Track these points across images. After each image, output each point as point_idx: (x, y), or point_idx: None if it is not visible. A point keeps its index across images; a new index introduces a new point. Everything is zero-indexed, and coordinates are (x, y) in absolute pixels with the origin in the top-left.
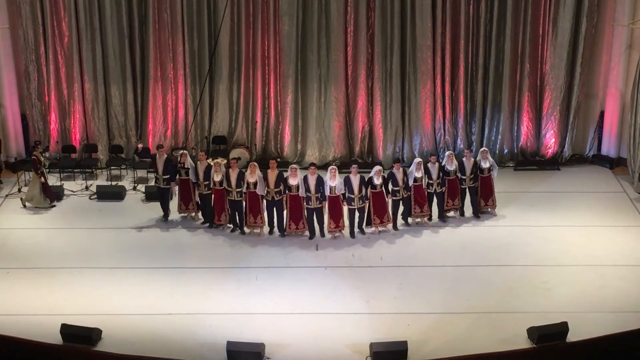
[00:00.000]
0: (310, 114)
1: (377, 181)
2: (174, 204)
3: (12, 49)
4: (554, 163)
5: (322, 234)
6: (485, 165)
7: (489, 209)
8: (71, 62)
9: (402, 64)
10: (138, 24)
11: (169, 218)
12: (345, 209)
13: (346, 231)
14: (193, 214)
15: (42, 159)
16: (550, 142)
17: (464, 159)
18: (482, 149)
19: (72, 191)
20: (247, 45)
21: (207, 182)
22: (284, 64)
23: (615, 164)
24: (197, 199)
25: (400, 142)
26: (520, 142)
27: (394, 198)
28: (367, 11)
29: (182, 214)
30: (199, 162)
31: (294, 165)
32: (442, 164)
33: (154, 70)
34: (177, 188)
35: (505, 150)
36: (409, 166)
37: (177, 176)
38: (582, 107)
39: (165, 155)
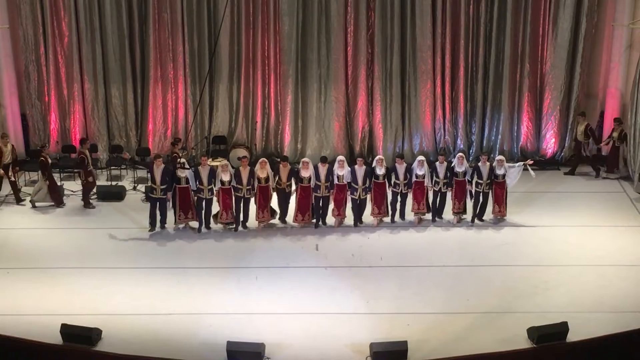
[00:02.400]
0: (310, 114)
1: (380, 171)
2: (170, 213)
3: (12, 49)
4: (554, 163)
5: (324, 223)
6: (500, 172)
7: (500, 216)
8: (71, 62)
9: (402, 64)
10: (138, 24)
11: (165, 226)
12: (349, 198)
13: (349, 221)
14: (190, 223)
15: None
16: (550, 142)
17: (479, 163)
18: (498, 158)
19: (72, 191)
20: (247, 45)
21: (210, 187)
22: (284, 64)
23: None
24: (196, 205)
25: (400, 142)
26: (520, 142)
27: (394, 190)
28: (367, 11)
29: (180, 225)
30: (201, 167)
31: (306, 159)
32: (452, 164)
33: (154, 70)
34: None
35: (505, 150)
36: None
37: (175, 184)
38: (582, 107)
39: (163, 165)
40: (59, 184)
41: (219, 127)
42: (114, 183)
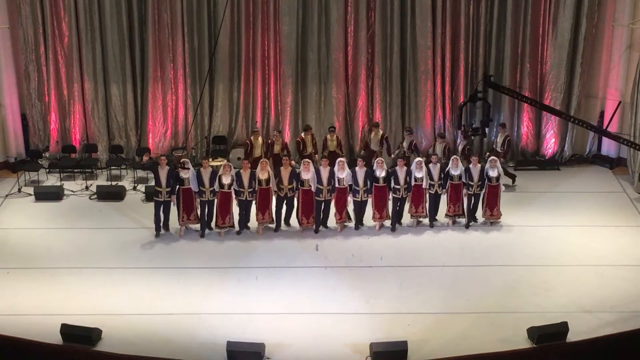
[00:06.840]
0: (310, 114)
1: (380, 174)
2: (173, 215)
3: (12, 49)
4: (554, 163)
5: (325, 226)
6: (493, 174)
7: (494, 220)
8: (71, 62)
9: (402, 64)
10: (138, 24)
11: (169, 227)
12: (350, 201)
13: (350, 223)
14: (193, 225)
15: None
16: (550, 142)
17: (470, 165)
18: (490, 157)
19: (72, 191)
20: (247, 45)
21: (211, 189)
22: (284, 64)
23: (615, 164)
24: (199, 208)
25: (400, 142)
26: (520, 142)
27: (394, 196)
28: (367, 11)
29: (184, 226)
30: (202, 169)
31: (307, 160)
32: (447, 168)
33: (154, 70)
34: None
35: None
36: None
37: (178, 187)
38: (582, 107)
39: (167, 167)
40: (58, 184)
41: (219, 127)
42: (113, 183)
